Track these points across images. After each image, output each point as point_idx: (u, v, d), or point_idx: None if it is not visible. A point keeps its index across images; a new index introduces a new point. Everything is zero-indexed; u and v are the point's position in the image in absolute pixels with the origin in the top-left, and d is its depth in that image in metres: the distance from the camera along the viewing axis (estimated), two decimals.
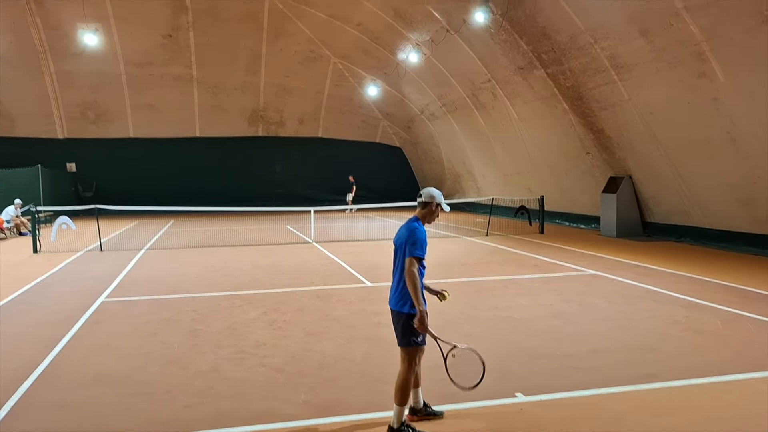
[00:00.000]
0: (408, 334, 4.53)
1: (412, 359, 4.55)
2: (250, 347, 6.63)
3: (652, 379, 5.49)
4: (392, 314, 4.68)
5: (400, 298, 4.56)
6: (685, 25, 12.28)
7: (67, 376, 5.77)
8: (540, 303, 8.78)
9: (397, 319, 4.61)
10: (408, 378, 4.53)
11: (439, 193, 4.81)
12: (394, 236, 4.78)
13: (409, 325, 4.50)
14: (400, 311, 4.56)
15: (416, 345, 4.54)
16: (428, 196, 4.73)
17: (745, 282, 10.12)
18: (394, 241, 4.77)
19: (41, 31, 24.29)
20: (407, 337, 4.54)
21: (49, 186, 23.32)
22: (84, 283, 10.74)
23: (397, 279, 4.64)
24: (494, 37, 18.28)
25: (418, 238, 4.50)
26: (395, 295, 4.62)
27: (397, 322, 4.60)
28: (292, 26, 25.78)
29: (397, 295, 4.59)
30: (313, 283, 10.56)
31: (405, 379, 4.52)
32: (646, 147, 15.60)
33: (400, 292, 4.56)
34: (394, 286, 4.66)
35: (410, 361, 4.54)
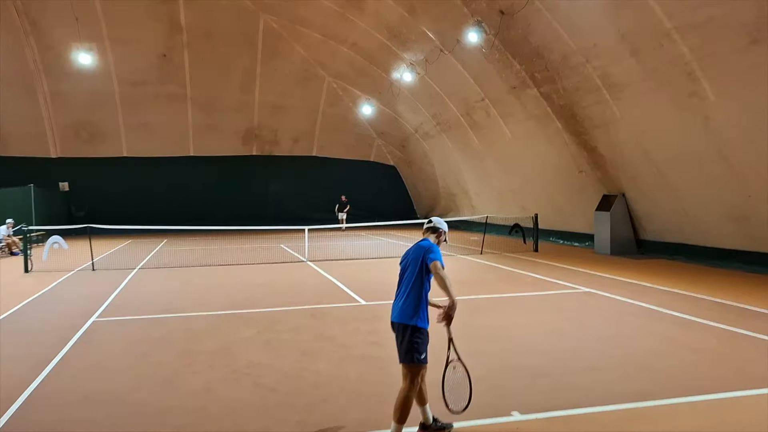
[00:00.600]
0: (412, 350, 4.48)
1: (415, 377, 4.49)
2: (244, 367, 6.57)
3: (649, 397, 5.46)
4: (396, 328, 4.64)
5: (407, 310, 4.55)
6: (675, 45, 12.42)
7: (58, 397, 5.70)
8: (535, 321, 8.75)
9: (402, 333, 4.55)
10: (409, 396, 4.46)
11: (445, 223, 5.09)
12: (403, 255, 4.86)
13: (414, 340, 4.47)
14: (406, 323, 4.53)
15: (419, 363, 4.49)
16: (439, 223, 5.01)
17: (739, 299, 10.12)
18: (403, 257, 4.85)
19: (35, 50, 24.37)
20: (411, 354, 4.49)
21: (42, 205, 23.21)
22: (75, 302, 10.64)
23: (403, 292, 4.65)
24: (487, 57, 18.44)
25: (437, 250, 4.65)
26: (401, 307, 4.61)
27: (402, 335, 4.54)
28: (287, 46, 25.96)
29: (403, 307, 4.58)
30: (308, 302, 10.50)
31: (406, 397, 4.46)
32: (638, 165, 15.69)
33: (407, 304, 4.57)
34: (400, 299, 4.66)
35: (413, 378, 4.48)
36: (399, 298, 4.68)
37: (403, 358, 4.52)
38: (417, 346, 4.48)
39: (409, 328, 4.51)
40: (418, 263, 4.62)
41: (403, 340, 4.52)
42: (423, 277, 4.61)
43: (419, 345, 4.49)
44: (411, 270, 4.66)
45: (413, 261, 4.68)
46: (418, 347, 4.48)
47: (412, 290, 4.59)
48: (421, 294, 4.60)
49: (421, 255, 4.62)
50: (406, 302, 4.59)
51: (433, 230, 4.97)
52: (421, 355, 4.49)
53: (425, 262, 4.57)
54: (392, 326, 4.70)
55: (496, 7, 16.14)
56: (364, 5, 20.63)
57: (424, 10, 18.88)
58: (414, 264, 4.65)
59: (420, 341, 4.51)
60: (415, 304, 4.56)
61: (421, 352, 4.49)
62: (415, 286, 4.60)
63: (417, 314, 4.54)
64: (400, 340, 4.56)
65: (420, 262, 4.61)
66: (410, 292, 4.59)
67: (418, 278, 4.61)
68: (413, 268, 4.65)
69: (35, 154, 27.54)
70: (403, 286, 4.69)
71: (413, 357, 4.48)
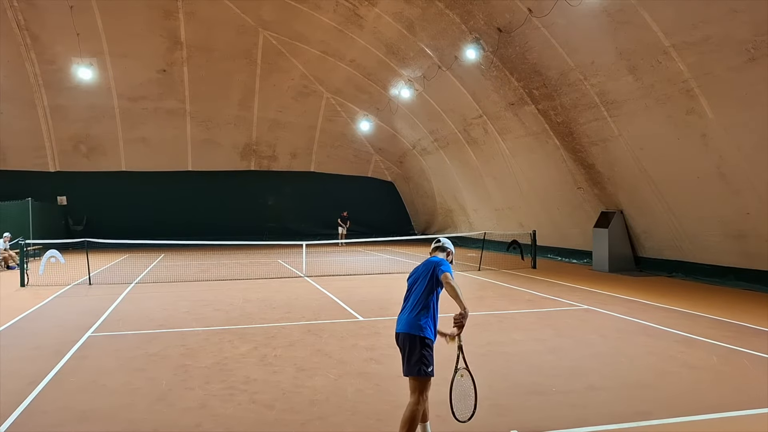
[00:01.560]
0: (421, 362, 4.46)
1: (424, 390, 4.47)
2: (240, 383, 6.50)
3: (649, 416, 5.41)
4: (402, 339, 4.60)
5: (416, 322, 4.54)
6: (672, 62, 12.49)
7: (53, 413, 5.63)
8: (534, 338, 8.70)
9: (410, 344, 4.52)
10: (417, 410, 4.42)
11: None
12: (412, 270, 4.92)
13: (423, 352, 4.46)
14: (415, 334, 4.50)
15: (426, 375, 4.47)
16: (447, 243, 5.09)
17: (738, 317, 10.09)
18: (412, 272, 4.89)
19: (36, 65, 24.43)
20: (420, 366, 4.45)
21: (39, 219, 23.15)
22: (71, 317, 10.57)
23: (411, 304, 4.65)
24: (485, 74, 18.53)
25: (448, 264, 4.71)
26: (408, 318, 4.59)
27: (411, 347, 4.51)
28: (286, 62, 26.07)
29: (412, 318, 4.57)
30: (305, 317, 10.44)
31: (414, 411, 4.42)
32: (636, 182, 15.72)
33: (416, 316, 4.55)
34: (407, 311, 4.65)
35: (421, 391, 4.45)
36: (406, 310, 4.68)
37: (412, 371, 4.49)
38: (426, 359, 4.47)
39: (418, 339, 4.49)
40: (428, 277, 4.65)
41: (412, 351, 4.49)
42: (433, 290, 4.64)
43: (428, 357, 4.48)
44: (421, 283, 4.68)
45: (423, 275, 4.70)
46: (427, 360, 4.47)
47: (421, 303, 4.59)
48: (430, 308, 4.62)
49: (431, 268, 4.65)
50: (414, 314, 4.58)
51: (443, 249, 5.03)
52: (429, 368, 4.47)
53: (436, 274, 4.59)
54: (397, 338, 4.68)
55: (494, 24, 16.25)
56: (363, 22, 20.75)
57: (422, 27, 19.00)
58: (424, 277, 4.67)
59: (428, 354, 4.51)
60: (424, 316, 4.56)
61: (429, 365, 4.48)
62: (423, 299, 4.61)
63: (426, 326, 4.54)
64: (408, 352, 4.52)
65: (430, 275, 4.64)
66: (419, 304, 4.59)
67: (427, 292, 4.63)
68: (423, 281, 4.66)
69: (34, 167, 27.53)
70: (411, 298, 4.70)
71: (422, 370, 4.45)
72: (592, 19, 13.48)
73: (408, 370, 4.52)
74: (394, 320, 4.88)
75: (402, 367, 4.62)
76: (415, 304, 4.62)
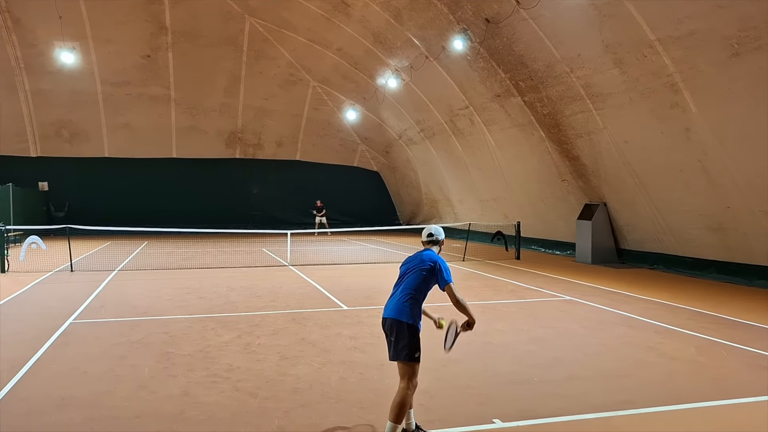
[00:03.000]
0: (411, 347, 4.53)
1: (414, 375, 4.52)
2: (223, 371, 6.50)
3: (629, 405, 5.49)
4: (389, 324, 4.65)
5: (406, 308, 4.62)
6: (658, 56, 12.57)
7: (33, 400, 5.58)
8: (517, 328, 8.77)
9: (397, 330, 4.58)
10: (408, 395, 4.47)
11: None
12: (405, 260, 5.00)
13: (410, 339, 4.53)
14: (404, 321, 4.57)
15: (414, 360, 4.54)
16: (438, 234, 5.14)
17: (717, 309, 10.24)
18: (405, 261, 4.97)
19: (17, 48, 24.04)
20: (405, 351, 4.52)
21: (20, 205, 22.84)
22: (52, 304, 10.47)
23: (401, 291, 4.72)
24: (472, 65, 18.53)
25: (446, 267, 4.75)
26: (398, 304, 4.66)
27: (399, 332, 4.57)
28: (273, 50, 25.88)
29: (401, 305, 4.64)
30: (289, 306, 10.44)
31: (405, 396, 4.46)
32: (620, 175, 15.84)
33: (406, 304, 4.63)
34: (397, 297, 4.72)
35: (410, 376, 4.50)
36: (396, 296, 4.74)
37: (402, 355, 4.54)
38: (416, 343, 4.55)
39: (406, 326, 4.57)
40: (423, 272, 4.71)
41: (400, 337, 4.56)
42: (426, 285, 4.74)
43: (418, 342, 4.57)
44: (414, 276, 4.74)
45: (417, 267, 4.76)
46: (416, 344, 4.56)
47: (413, 293, 4.67)
48: (421, 300, 4.72)
49: (428, 265, 4.72)
50: (404, 301, 4.66)
51: (435, 242, 5.11)
52: (416, 353, 4.54)
53: (437, 281, 4.71)
54: (384, 323, 4.73)
55: (482, 15, 16.24)
56: (351, 11, 20.64)
57: (410, 16, 18.94)
58: (419, 271, 4.74)
59: (418, 339, 4.60)
60: (413, 305, 4.65)
61: (417, 350, 4.55)
62: (416, 290, 4.69)
63: (416, 315, 4.64)
64: (396, 338, 4.58)
65: (426, 272, 4.71)
66: (411, 293, 4.67)
67: (419, 285, 4.71)
68: (417, 274, 4.73)
69: (15, 153, 27.12)
70: (402, 286, 4.75)
71: (413, 354, 4.52)
72: (579, 11, 13.52)
73: (395, 354, 4.58)
74: (378, 310, 4.92)
75: (388, 352, 4.69)
76: (405, 293, 4.69)
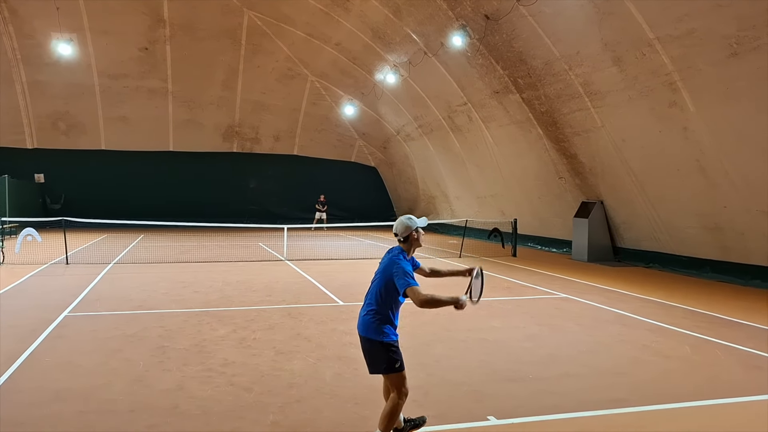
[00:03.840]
0: (389, 360, 4.28)
1: (401, 384, 4.31)
2: (218, 365, 6.49)
3: (623, 404, 5.50)
4: (362, 341, 4.41)
5: (372, 325, 4.33)
6: (656, 55, 12.56)
7: (27, 393, 5.57)
8: (512, 325, 8.78)
9: (370, 347, 4.35)
10: (399, 404, 4.29)
11: (410, 217, 4.52)
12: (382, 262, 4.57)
13: (389, 353, 4.28)
14: (373, 339, 4.31)
15: (399, 370, 4.31)
16: (405, 229, 4.47)
17: (712, 308, 10.27)
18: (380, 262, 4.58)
19: (14, 39, 23.92)
20: (390, 364, 4.29)
21: (16, 197, 22.77)
22: (47, 296, 10.45)
23: (367, 304, 4.41)
24: (471, 61, 18.51)
25: (402, 268, 4.29)
26: (365, 321, 4.38)
27: (371, 349, 4.34)
28: (271, 43, 25.81)
29: (368, 321, 4.36)
30: (285, 301, 10.43)
31: (396, 406, 4.28)
32: (617, 173, 15.85)
33: (372, 320, 4.33)
34: (364, 310, 4.42)
35: (399, 387, 4.30)
36: (364, 308, 4.44)
37: (383, 369, 4.33)
38: (393, 356, 4.30)
39: (378, 344, 4.30)
40: (385, 278, 4.33)
41: (375, 354, 4.33)
42: (390, 294, 4.33)
43: (395, 354, 4.31)
44: (378, 284, 4.39)
45: (382, 273, 4.40)
46: (394, 356, 4.30)
47: (376, 305, 4.33)
48: (387, 312, 4.34)
49: (390, 271, 4.31)
50: (370, 316, 4.35)
51: (405, 239, 4.50)
52: (397, 364, 4.30)
53: (396, 286, 4.25)
54: (359, 335, 4.46)
55: (482, 11, 16.20)
56: (350, 5, 20.57)
57: (409, 12, 18.89)
58: (382, 278, 4.37)
59: (395, 350, 4.33)
60: (379, 320, 4.32)
61: (398, 360, 4.30)
62: (380, 301, 4.34)
63: (383, 331, 4.31)
64: (371, 354, 4.36)
65: (388, 278, 4.31)
66: (375, 306, 4.33)
67: (383, 294, 4.34)
68: (380, 282, 4.37)
69: (11, 144, 27.03)
70: (368, 297, 4.44)
71: (393, 367, 4.29)
72: (579, 9, 13.50)
73: (377, 369, 4.35)
74: None
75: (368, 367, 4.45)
76: (370, 306, 4.38)
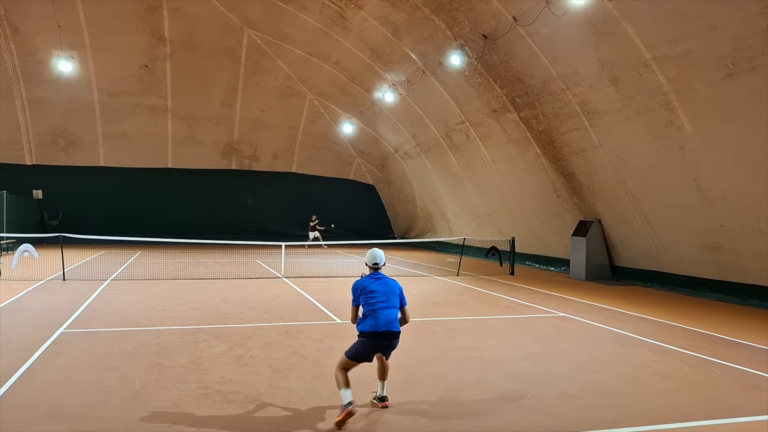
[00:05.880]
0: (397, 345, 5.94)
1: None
2: (215, 383, 6.45)
3: (620, 424, 5.46)
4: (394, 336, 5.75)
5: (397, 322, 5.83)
6: (653, 75, 12.67)
7: (21, 410, 5.53)
8: (510, 344, 8.75)
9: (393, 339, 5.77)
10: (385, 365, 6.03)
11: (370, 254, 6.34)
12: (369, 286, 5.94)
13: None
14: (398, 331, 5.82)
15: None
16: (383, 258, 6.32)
17: (711, 327, 10.24)
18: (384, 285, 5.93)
19: (15, 56, 24.07)
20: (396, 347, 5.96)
21: (13, 212, 22.75)
22: (43, 312, 10.40)
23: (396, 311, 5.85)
24: (469, 80, 18.63)
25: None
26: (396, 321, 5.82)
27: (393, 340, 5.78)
28: (270, 62, 25.98)
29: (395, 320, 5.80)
30: (282, 318, 10.39)
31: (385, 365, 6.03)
32: (615, 192, 15.89)
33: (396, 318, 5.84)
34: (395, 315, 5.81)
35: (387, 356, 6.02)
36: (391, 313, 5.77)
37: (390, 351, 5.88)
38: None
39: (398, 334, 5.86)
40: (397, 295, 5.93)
41: (393, 342, 5.80)
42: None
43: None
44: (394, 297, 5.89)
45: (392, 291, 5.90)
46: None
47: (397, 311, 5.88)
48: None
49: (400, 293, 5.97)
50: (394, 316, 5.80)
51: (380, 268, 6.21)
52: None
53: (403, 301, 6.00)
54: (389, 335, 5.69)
55: (480, 31, 16.35)
56: (349, 24, 20.75)
57: (408, 31, 19.06)
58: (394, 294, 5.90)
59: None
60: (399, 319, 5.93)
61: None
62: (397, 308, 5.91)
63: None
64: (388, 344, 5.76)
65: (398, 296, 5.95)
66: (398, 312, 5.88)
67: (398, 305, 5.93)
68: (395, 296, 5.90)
69: (10, 160, 27.09)
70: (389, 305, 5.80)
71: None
72: (576, 29, 13.63)
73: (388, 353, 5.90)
74: None
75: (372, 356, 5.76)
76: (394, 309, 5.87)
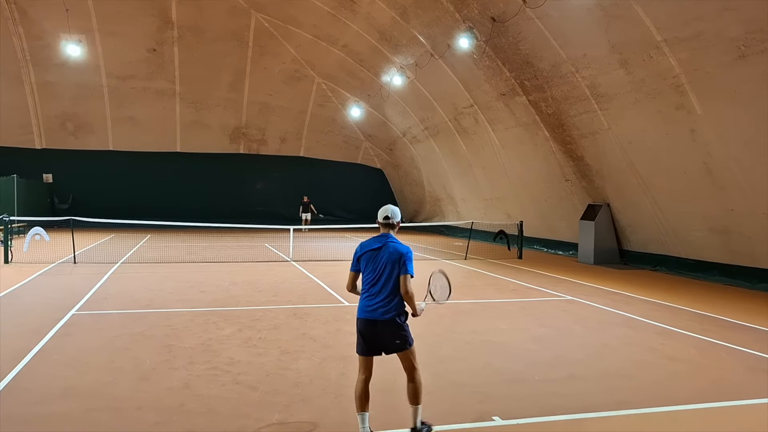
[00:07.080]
0: (406, 336, 4.66)
1: (415, 358, 4.69)
2: (224, 364, 6.52)
3: (627, 406, 5.49)
4: (381, 325, 4.59)
5: (393, 308, 4.61)
6: (664, 57, 12.54)
7: (35, 390, 5.61)
8: (518, 327, 8.78)
9: (391, 328, 4.60)
10: (420, 376, 4.69)
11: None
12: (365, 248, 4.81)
13: (404, 329, 4.65)
14: (394, 320, 4.60)
15: (412, 344, 4.70)
16: (395, 215, 4.92)
17: (718, 311, 10.23)
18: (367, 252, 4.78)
19: (23, 40, 24.10)
20: (406, 340, 4.65)
21: (24, 196, 22.95)
22: (55, 295, 10.52)
23: (382, 290, 4.64)
24: (478, 63, 18.51)
25: (411, 257, 4.70)
26: (385, 306, 4.61)
27: (393, 330, 4.60)
28: (278, 45, 25.90)
29: (388, 306, 4.61)
30: (290, 301, 10.46)
31: (420, 378, 4.68)
32: (624, 175, 15.81)
33: (392, 303, 4.61)
34: (382, 298, 4.63)
35: (413, 360, 4.68)
36: (377, 296, 4.65)
37: (401, 347, 4.63)
38: (407, 333, 4.68)
39: (396, 323, 4.62)
40: (396, 267, 4.64)
41: (392, 334, 4.61)
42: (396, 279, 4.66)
43: (408, 330, 4.70)
44: (389, 271, 4.65)
45: (391, 262, 4.65)
46: (408, 333, 4.68)
47: (393, 290, 4.62)
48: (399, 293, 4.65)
49: (400, 259, 4.64)
50: (389, 300, 4.62)
51: (392, 225, 4.88)
52: (411, 339, 4.70)
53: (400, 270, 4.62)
54: (369, 324, 4.64)
55: (488, 14, 16.21)
56: (357, 7, 20.62)
57: (416, 14, 18.92)
58: (392, 266, 4.65)
59: (408, 327, 4.71)
60: (399, 301, 4.65)
61: (409, 336, 4.69)
62: (395, 287, 4.63)
63: (402, 310, 4.68)
64: (388, 335, 4.61)
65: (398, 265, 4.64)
66: (392, 291, 4.62)
67: (396, 280, 4.64)
68: (391, 269, 4.65)
69: (19, 144, 27.24)
70: (380, 284, 4.66)
71: (410, 341, 4.68)
72: (586, 11, 13.49)
73: (398, 347, 4.63)
74: None
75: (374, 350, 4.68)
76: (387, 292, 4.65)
